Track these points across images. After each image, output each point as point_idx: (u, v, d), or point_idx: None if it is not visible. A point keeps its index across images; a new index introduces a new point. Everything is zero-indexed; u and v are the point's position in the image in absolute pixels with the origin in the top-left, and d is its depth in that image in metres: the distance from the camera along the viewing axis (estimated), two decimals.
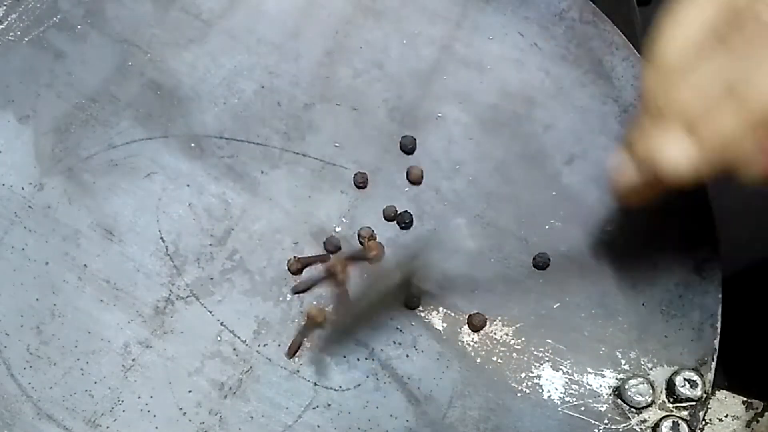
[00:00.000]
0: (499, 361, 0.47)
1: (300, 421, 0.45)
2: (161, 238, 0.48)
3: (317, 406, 0.46)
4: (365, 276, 0.47)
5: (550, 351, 0.47)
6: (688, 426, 0.45)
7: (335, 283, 0.47)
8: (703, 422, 0.46)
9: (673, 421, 0.45)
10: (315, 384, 0.46)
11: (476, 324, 0.47)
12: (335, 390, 0.46)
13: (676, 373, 0.46)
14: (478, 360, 0.47)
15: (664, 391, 0.46)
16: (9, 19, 0.52)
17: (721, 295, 0.48)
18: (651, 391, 0.45)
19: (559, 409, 0.46)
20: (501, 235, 0.49)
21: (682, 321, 0.47)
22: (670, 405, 0.46)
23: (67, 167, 0.50)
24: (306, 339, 0.46)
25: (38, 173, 0.50)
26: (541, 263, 0.48)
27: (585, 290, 0.48)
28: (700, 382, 0.45)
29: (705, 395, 0.46)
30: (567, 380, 0.46)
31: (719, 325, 0.47)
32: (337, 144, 0.51)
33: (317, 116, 0.51)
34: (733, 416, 0.46)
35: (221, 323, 0.47)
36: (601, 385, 0.46)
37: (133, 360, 0.46)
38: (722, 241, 0.49)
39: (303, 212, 0.49)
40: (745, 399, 0.46)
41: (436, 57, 0.52)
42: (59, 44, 0.52)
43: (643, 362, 0.47)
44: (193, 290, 0.48)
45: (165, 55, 0.52)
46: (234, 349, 0.47)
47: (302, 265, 0.48)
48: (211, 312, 0.47)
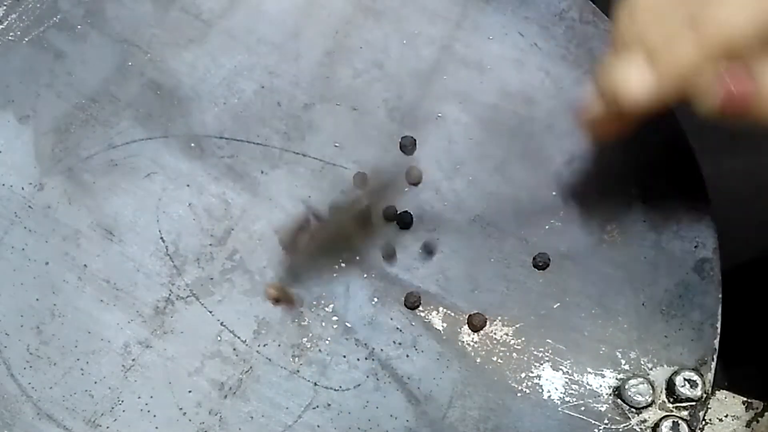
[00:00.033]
0: (499, 361, 0.47)
1: (300, 421, 0.45)
2: (161, 238, 0.48)
3: (317, 406, 0.46)
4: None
5: (550, 351, 0.47)
6: (688, 426, 0.45)
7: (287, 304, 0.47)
8: (703, 422, 0.46)
9: (673, 421, 0.45)
10: (315, 384, 0.46)
11: (476, 324, 0.47)
12: (335, 390, 0.46)
13: (676, 373, 0.46)
14: (478, 360, 0.47)
15: (664, 391, 0.46)
16: (9, 19, 0.52)
17: (721, 295, 0.48)
18: (651, 391, 0.45)
19: (559, 409, 0.46)
20: (501, 235, 0.49)
21: (682, 321, 0.47)
22: (670, 405, 0.46)
23: (67, 167, 0.50)
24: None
25: (38, 173, 0.50)
26: (541, 263, 0.48)
27: (585, 290, 0.48)
28: (700, 382, 0.45)
29: (705, 395, 0.46)
30: (567, 380, 0.46)
31: (719, 325, 0.47)
32: (337, 144, 0.51)
33: (317, 116, 0.51)
34: (733, 416, 0.46)
35: (221, 323, 0.47)
36: (601, 385, 0.46)
37: (133, 360, 0.46)
38: (722, 241, 0.49)
39: (303, 212, 0.49)
40: (745, 399, 0.46)
41: (436, 57, 0.52)
42: (59, 44, 0.52)
43: (643, 362, 0.47)
44: (193, 290, 0.48)
45: (165, 55, 0.52)
46: (234, 349, 0.47)
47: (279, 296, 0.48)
48: (211, 312, 0.47)
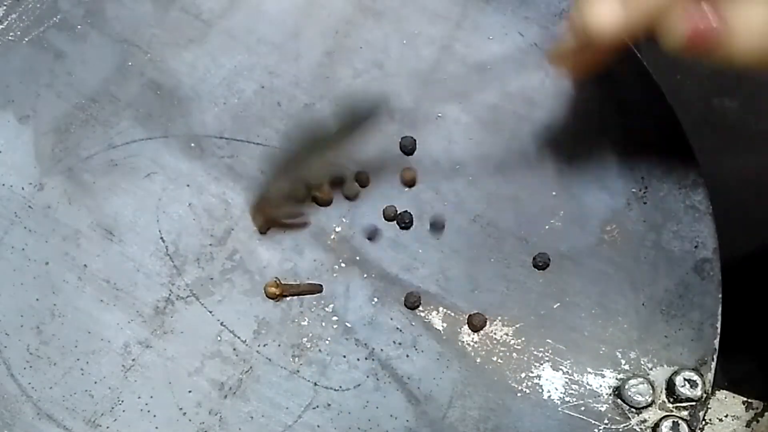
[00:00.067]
0: (499, 361, 0.47)
1: (300, 421, 0.45)
2: (161, 238, 0.48)
3: (317, 406, 0.46)
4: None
5: (550, 351, 0.47)
6: (688, 426, 0.45)
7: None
8: (703, 422, 0.46)
9: (673, 421, 0.45)
10: (315, 384, 0.46)
11: (476, 324, 0.47)
12: (335, 390, 0.46)
13: (676, 373, 0.46)
14: (478, 360, 0.47)
15: (664, 391, 0.46)
16: (9, 19, 0.52)
17: (721, 295, 0.48)
18: (651, 391, 0.45)
19: (559, 409, 0.46)
20: (501, 235, 0.49)
21: (682, 321, 0.47)
22: (670, 405, 0.46)
23: (67, 167, 0.50)
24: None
25: (38, 173, 0.50)
26: (541, 263, 0.48)
27: (585, 290, 0.48)
28: (700, 382, 0.45)
29: (705, 395, 0.46)
30: (567, 380, 0.46)
31: (719, 325, 0.47)
32: None
33: (317, 116, 0.51)
34: (733, 416, 0.46)
35: (221, 323, 0.47)
36: (601, 385, 0.46)
37: (133, 360, 0.46)
38: (722, 241, 0.49)
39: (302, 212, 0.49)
40: (745, 399, 0.46)
41: (436, 57, 0.52)
42: (59, 44, 0.52)
43: (643, 362, 0.47)
44: (193, 290, 0.48)
45: (165, 55, 0.52)
46: (234, 349, 0.47)
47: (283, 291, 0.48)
48: (211, 312, 0.47)
